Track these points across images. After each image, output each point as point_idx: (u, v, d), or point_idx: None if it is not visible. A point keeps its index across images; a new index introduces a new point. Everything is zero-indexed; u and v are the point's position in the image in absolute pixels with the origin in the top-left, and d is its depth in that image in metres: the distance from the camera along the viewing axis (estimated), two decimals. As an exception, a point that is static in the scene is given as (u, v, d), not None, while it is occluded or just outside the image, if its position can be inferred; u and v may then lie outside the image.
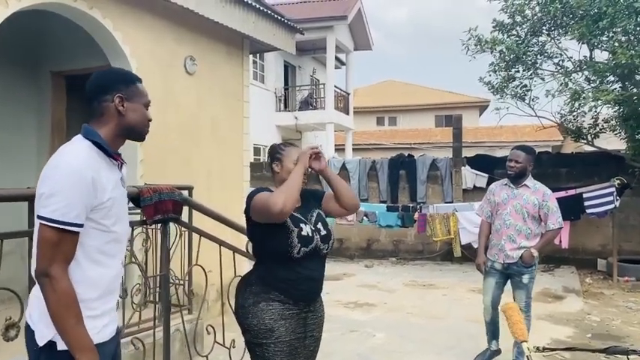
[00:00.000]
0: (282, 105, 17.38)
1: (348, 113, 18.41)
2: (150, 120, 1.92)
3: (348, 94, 18.66)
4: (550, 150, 18.19)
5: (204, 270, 3.30)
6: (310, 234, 2.41)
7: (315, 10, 16.65)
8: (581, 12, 7.04)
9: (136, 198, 2.36)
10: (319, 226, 2.50)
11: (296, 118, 16.68)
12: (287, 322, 2.38)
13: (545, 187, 4.17)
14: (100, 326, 1.79)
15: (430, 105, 27.73)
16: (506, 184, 4.25)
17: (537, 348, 3.29)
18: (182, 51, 5.48)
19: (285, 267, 2.38)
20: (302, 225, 2.40)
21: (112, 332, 1.89)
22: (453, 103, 27.61)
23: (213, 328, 3.30)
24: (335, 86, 17.36)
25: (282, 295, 2.37)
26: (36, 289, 1.71)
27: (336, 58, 18.18)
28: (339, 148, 18.35)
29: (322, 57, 18.44)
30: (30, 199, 2.16)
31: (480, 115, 28.47)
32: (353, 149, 18.84)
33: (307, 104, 17.42)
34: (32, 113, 5.41)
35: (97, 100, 1.81)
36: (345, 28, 17.49)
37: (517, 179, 4.14)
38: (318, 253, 2.46)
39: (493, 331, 4.41)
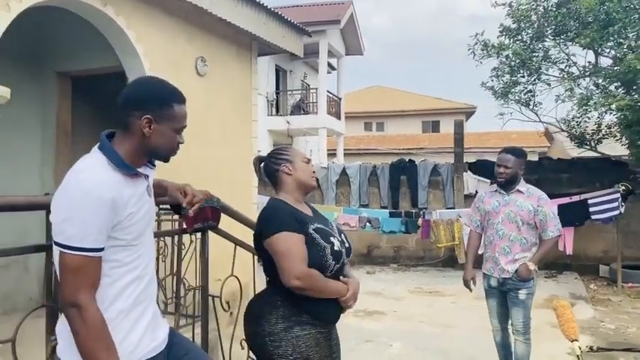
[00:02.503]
0: (274, 109, 17.20)
1: (339, 118, 18.31)
2: (181, 143, 1.73)
3: (340, 98, 18.57)
4: (537, 156, 18.38)
5: (239, 281, 3.11)
6: (339, 248, 2.19)
7: (307, 14, 16.53)
8: (589, 18, 7.03)
9: (176, 206, 2.18)
10: (342, 237, 2.31)
11: (288, 122, 16.52)
12: (320, 349, 2.14)
13: (540, 192, 3.73)
14: (134, 342, 1.64)
15: (417, 111, 27.84)
16: (496, 191, 3.81)
17: (590, 348, 3.15)
18: (193, 51, 5.29)
19: None
20: (332, 239, 2.17)
21: (156, 349, 1.73)
22: (440, 110, 27.77)
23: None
24: (327, 91, 17.26)
25: (315, 318, 2.13)
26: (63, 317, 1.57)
27: (327, 63, 18.08)
28: (331, 153, 18.22)
29: (313, 61, 18.32)
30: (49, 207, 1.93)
31: (466, 121, 28.65)
32: (343, 154, 18.75)
33: (299, 109, 17.27)
34: (36, 115, 5.16)
35: (124, 111, 1.62)
36: (337, 33, 17.42)
37: (508, 185, 3.71)
38: (342, 268, 2.26)
39: (506, 357, 3.93)
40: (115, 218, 1.55)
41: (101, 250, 1.53)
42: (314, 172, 2.33)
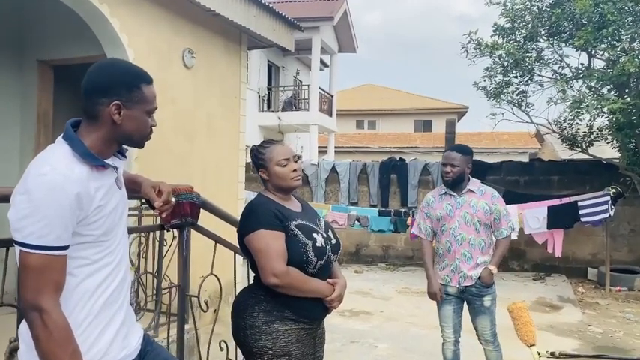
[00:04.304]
0: (266, 105, 17.07)
1: (331, 115, 18.21)
2: (154, 125, 1.62)
3: (332, 95, 18.47)
4: (528, 158, 18.40)
5: (218, 280, 3.01)
6: (323, 244, 2.15)
7: (300, 10, 16.39)
8: (583, 20, 6.97)
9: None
10: (330, 234, 2.27)
11: (279, 118, 16.39)
12: (302, 345, 2.12)
13: (491, 189, 3.58)
14: (102, 349, 1.53)
15: (409, 110, 27.81)
16: (445, 193, 3.56)
17: (552, 353, 3.02)
18: (180, 43, 5.16)
19: None
20: (315, 235, 2.14)
21: (126, 358, 1.61)
22: (432, 109, 27.75)
23: (226, 343, 3.01)
24: (319, 88, 17.14)
25: (298, 314, 2.11)
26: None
27: (320, 60, 17.97)
28: (322, 150, 18.13)
29: (306, 58, 18.21)
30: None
31: (458, 121, 28.66)
32: (334, 152, 18.66)
33: (291, 105, 17.15)
34: (16, 105, 5.00)
35: (90, 100, 1.50)
36: (331, 30, 17.31)
37: (457, 185, 3.50)
38: (329, 265, 2.21)
39: None
40: (81, 214, 1.43)
41: (65, 248, 1.41)
42: (295, 170, 2.23)
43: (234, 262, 3.15)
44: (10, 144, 4.92)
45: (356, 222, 8.73)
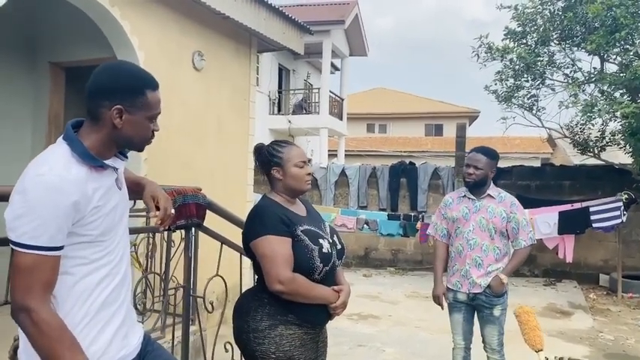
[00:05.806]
0: (276, 108, 17.10)
1: (341, 119, 18.20)
2: (156, 130, 1.61)
3: (342, 99, 18.46)
4: (540, 162, 18.25)
5: (224, 281, 3.01)
6: (329, 250, 2.13)
7: (312, 13, 16.42)
8: (595, 23, 6.91)
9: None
10: (335, 239, 2.24)
11: (289, 121, 16.41)
12: (305, 349, 2.10)
13: (512, 197, 3.47)
14: (100, 349, 1.53)
15: (420, 114, 27.73)
16: (464, 196, 3.49)
17: (561, 359, 2.97)
18: (190, 45, 5.19)
19: None
20: (321, 241, 2.11)
21: (125, 357, 1.61)
22: (443, 113, 27.64)
23: (231, 345, 3.00)
24: (330, 91, 17.15)
25: (301, 319, 2.09)
26: None
27: (331, 64, 17.98)
28: (332, 154, 18.12)
29: (316, 61, 18.23)
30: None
31: (469, 125, 28.51)
32: (344, 155, 18.66)
33: (301, 108, 17.17)
34: (28, 106, 5.06)
35: (93, 101, 1.50)
36: (342, 33, 17.32)
37: (477, 188, 3.41)
38: (334, 271, 2.19)
39: None
40: (77, 215, 1.43)
41: (59, 248, 1.41)
42: (309, 174, 2.22)
43: (241, 264, 3.14)
44: (21, 145, 4.97)
45: (365, 225, 8.69)
